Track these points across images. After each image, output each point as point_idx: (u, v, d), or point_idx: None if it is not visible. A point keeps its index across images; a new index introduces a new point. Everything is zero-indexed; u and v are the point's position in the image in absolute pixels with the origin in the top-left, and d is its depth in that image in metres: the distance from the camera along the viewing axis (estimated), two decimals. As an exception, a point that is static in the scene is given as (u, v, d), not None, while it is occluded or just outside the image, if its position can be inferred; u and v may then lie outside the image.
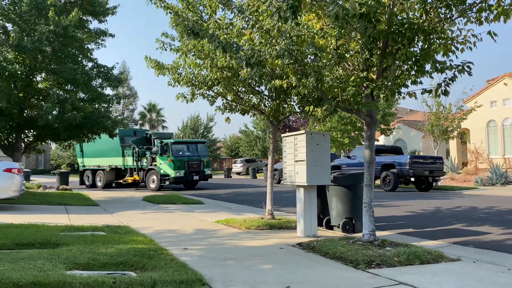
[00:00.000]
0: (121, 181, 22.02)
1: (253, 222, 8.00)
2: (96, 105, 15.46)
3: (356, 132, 28.42)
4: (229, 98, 8.86)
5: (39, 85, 14.82)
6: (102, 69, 15.32)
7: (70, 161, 52.61)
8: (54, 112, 12.55)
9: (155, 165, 20.24)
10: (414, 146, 32.30)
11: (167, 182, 19.76)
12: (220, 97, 8.88)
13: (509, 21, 4.89)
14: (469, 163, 25.42)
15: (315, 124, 26.44)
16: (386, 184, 17.77)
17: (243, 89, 8.67)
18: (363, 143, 7.74)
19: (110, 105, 16.23)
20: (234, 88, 8.58)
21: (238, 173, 42.43)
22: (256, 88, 8.36)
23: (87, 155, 23.59)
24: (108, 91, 20.33)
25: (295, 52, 5.11)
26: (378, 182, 17.95)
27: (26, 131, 15.03)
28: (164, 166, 19.77)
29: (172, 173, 19.49)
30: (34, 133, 15.13)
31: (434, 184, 18.74)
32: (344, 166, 19.39)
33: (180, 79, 8.20)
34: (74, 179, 26.06)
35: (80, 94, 15.04)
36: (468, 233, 7.24)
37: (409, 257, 4.99)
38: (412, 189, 18.66)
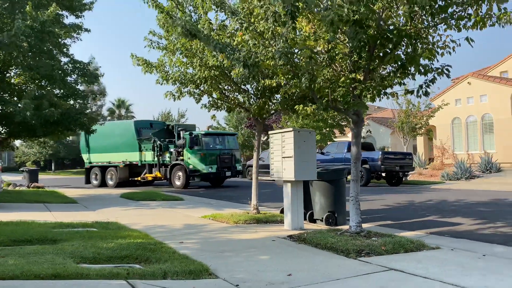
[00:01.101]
0: (138, 178, 19.79)
1: (240, 217, 8.26)
2: (72, 102, 15.23)
3: (328, 129, 29.10)
4: (214, 96, 9.07)
5: (12, 81, 14.47)
6: (78, 65, 15.10)
7: (36, 158, 51.08)
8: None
9: (182, 159, 18.21)
10: (383, 142, 33.39)
11: (196, 179, 18.03)
12: (206, 94, 9.07)
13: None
14: (436, 158, 26.56)
15: (287, 121, 26.94)
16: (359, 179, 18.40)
17: (229, 88, 8.91)
18: (338, 140, 8.08)
19: (86, 101, 16.01)
20: (220, 86, 8.80)
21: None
22: (242, 87, 8.61)
23: (94, 150, 21.06)
24: (81, 87, 19.90)
25: (290, 54, 5.39)
26: (350, 177, 18.55)
27: (0, 128, 14.66)
28: (194, 160, 17.81)
29: (203, 168, 17.61)
30: (7, 129, 14.77)
31: (403, 179, 19.56)
32: (318, 162, 19.90)
33: (169, 77, 8.33)
34: (71, 177, 25.39)
35: (55, 90, 14.77)
36: (442, 224, 7.77)
37: (394, 246, 5.39)
38: (383, 184, 19.41)
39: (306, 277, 4.20)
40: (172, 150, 18.69)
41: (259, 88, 7.73)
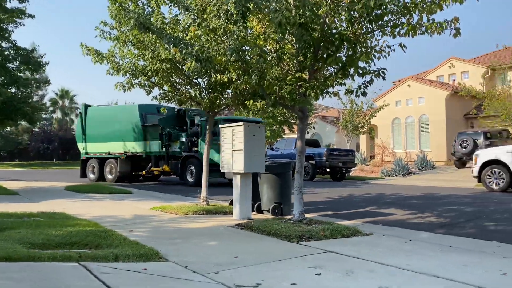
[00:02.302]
0: (142, 173, 17.02)
1: (190, 208, 8.47)
2: (14, 90, 14.63)
3: (278, 126, 29.80)
4: (166, 88, 9.18)
5: None
6: (20, 52, 14.51)
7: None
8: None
9: (196, 151, 15.23)
10: (329, 140, 34.71)
11: (213, 174, 14.02)
12: (157, 87, 9.16)
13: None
14: (376, 156, 28.06)
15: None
16: (305, 173, 19.17)
17: (181, 81, 9.06)
18: (287, 137, 8.52)
19: (30, 90, 15.40)
20: (172, 79, 8.93)
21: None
22: (194, 81, 8.79)
23: (92, 138, 18.28)
24: (23, 75, 18.90)
25: (241, 52, 5.69)
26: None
27: None
28: (214, 152, 14.30)
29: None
30: None
31: (346, 174, 20.58)
32: (268, 157, 20.47)
33: (120, 68, 8.35)
34: (11, 169, 23.92)
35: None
36: (377, 214, 8.44)
37: (332, 232, 5.88)
38: (328, 179, 20.31)
39: (251, 258, 4.54)
40: (183, 139, 15.71)
41: (211, 82, 7.96)
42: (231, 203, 8.28)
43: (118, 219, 7.41)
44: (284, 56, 6.16)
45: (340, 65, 5.97)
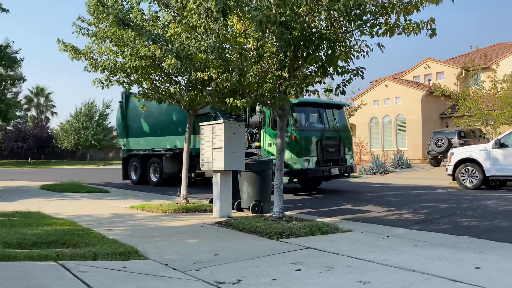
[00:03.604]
0: (192, 174, 13.48)
1: (169, 207, 8.42)
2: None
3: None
4: (145, 86, 9.08)
5: None
6: (-7, 47, 14.09)
7: None
8: None
9: (258, 147, 12.01)
10: (308, 139, 34.93)
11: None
12: (136, 84, 9.06)
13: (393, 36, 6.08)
14: (355, 154, 28.43)
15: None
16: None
17: (161, 78, 8.98)
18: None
19: (4, 87, 14.98)
20: (151, 76, 8.85)
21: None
22: (174, 78, 8.73)
23: (134, 133, 15.47)
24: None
25: (221, 49, 5.69)
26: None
27: None
28: (273, 149, 11.30)
29: (295, 162, 10.99)
30: None
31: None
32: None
33: (98, 65, 8.22)
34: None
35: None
36: (356, 211, 8.57)
37: (312, 229, 5.95)
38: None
39: (231, 255, 4.56)
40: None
41: (191, 80, 7.93)
42: (211, 201, 8.27)
43: (96, 218, 7.31)
44: (265, 55, 6.19)
45: (320, 64, 6.04)
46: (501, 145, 11.86)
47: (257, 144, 12.09)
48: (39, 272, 3.61)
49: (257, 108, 12.07)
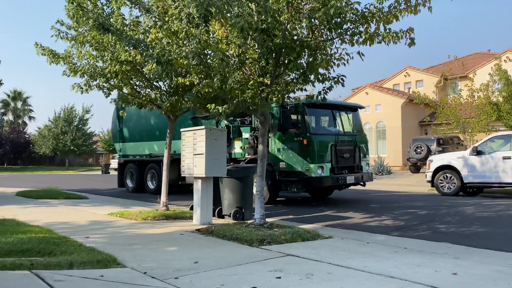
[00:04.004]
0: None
1: (149, 214, 8.31)
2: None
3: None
4: (125, 91, 8.98)
5: None
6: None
7: None
8: None
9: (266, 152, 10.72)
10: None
11: (292, 187, 10.26)
12: (116, 89, 8.95)
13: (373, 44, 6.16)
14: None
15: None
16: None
17: (141, 84, 8.89)
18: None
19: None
20: (132, 81, 8.75)
21: (117, 169, 40.80)
22: (155, 84, 8.66)
23: (130, 137, 14.59)
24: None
25: (203, 55, 5.67)
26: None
27: None
28: (289, 154, 10.23)
29: (307, 169, 9.83)
30: None
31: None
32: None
33: (77, 70, 8.09)
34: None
35: None
36: (337, 218, 8.61)
37: (293, 235, 5.94)
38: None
39: (211, 263, 4.51)
40: (247, 136, 11.05)
41: (172, 85, 7.87)
42: (191, 208, 8.19)
43: (73, 225, 7.16)
44: (247, 61, 6.19)
45: (301, 71, 6.08)
46: (478, 152, 12.12)
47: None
48: (12, 282, 3.50)
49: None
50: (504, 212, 9.04)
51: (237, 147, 11.47)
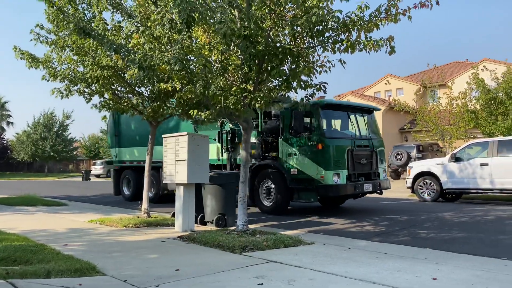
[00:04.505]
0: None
1: (130, 221, 8.19)
2: None
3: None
4: (106, 96, 8.87)
5: None
6: None
7: None
8: None
9: (275, 157, 9.91)
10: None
11: (304, 195, 9.52)
12: (97, 95, 8.83)
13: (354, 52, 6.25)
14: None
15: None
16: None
17: (123, 89, 8.80)
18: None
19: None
20: (113, 87, 8.66)
21: (98, 176, 40.32)
22: (137, 89, 8.58)
23: (127, 141, 13.74)
24: None
25: (185, 61, 5.65)
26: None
27: None
28: (301, 159, 9.39)
29: (323, 176, 9.01)
30: None
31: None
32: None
33: (57, 74, 7.96)
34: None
35: None
36: (319, 224, 8.65)
37: (275, 242, 5.94)
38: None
39: (193, 271, 4.47)
40: (254, 140, 10.15)
41: (154, 91, 7.81)
42: (173, 215, 8.11)
43: (51, 233, 7.00)
44: (229, 67, 6.20)
45: (284, 77, 6.12)
46: (456, 159, 12.36)
47: (273, 154, 9.95)
48: (-14, 292, 3.40)
49: (273, 111, 9.95)
50: (482, 217, 9.22)
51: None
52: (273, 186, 9.82)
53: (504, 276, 4.37)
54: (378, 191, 10.35)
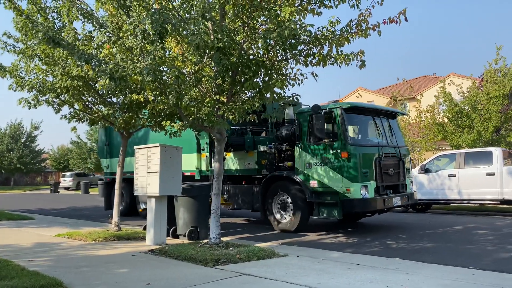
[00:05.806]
0: None
1: (100, 234, 7.97)
2: None
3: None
4: (76, 107, 8.68)
5: None
6: None
7: None
8: None
9: (291, 168, 8.93)
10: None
11: (325, 211, 8.37)
12: (67, 105, 8.63)
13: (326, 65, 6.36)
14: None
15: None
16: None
17: (93, 100, 8.64)
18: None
19: None
20: (84, 97, 8.49)
21: (67, 188, 39.22)
22: (108, 100, 8.44)
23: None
24: None
25: (158, 72, 5.60)
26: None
27: None
28: (322, 170, 8.36)
29: (349, 189, 7.98)
30: None
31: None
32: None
33: (25, 84, 7.74)
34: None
35: None
36: (292, 235, 8.64)
37: (249, 254, 5.90)
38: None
39: (164, 285, 4.38)
40: (264, 148, 9.24)
41: (126, 102, 7.70)
42: (145, 228, 7.95)
43: (16, 248, 6.74)
44: (203, 79, 6.19)
45: (257, 89, 6.16)
46: (425, 170, 12.68)
47: (288, 164, 8.94)
48: None
49: (287, 112, 8.89)
50: (450, 227, 9.45)
51: (252, 162, 9.59)
52: (289, 200, 8.74)
53: (472, 285, 4.48)
54: (408, 206, 9.15)
